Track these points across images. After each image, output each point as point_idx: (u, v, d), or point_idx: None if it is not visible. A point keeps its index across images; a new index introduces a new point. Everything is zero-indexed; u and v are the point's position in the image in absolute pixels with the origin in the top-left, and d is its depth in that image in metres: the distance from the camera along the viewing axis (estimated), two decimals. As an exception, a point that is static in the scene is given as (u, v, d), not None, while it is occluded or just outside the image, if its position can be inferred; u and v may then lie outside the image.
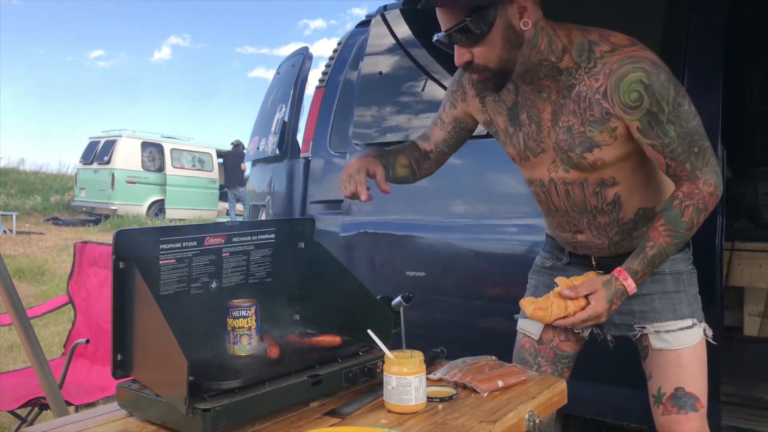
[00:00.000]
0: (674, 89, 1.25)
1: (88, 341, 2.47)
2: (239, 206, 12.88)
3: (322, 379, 1.24)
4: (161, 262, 1.24)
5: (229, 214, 13.54)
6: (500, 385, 1.30)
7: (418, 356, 1.21)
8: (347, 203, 2.82)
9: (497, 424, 1.14)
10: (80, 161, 14.04)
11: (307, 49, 3.60)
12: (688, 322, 1.48)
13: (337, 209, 2.90)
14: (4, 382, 2.55)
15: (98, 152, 13.48)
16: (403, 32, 2.72)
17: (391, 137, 2.78)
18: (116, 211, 12.80)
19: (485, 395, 1.27)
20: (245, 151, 8.97)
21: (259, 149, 3.83)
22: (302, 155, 3.20)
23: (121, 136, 13.41)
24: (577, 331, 1.57)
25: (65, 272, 5.04)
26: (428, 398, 1.22)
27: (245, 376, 1.17)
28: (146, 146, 13.57)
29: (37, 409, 2.41)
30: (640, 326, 1.50)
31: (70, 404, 2.28)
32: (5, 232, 10.52)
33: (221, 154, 14.17)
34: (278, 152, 3.38)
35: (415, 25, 2.57)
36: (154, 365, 1.14)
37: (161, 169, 13.61)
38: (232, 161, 13.09)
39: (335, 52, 3.33)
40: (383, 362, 1.24)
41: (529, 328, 1.63)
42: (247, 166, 10.05)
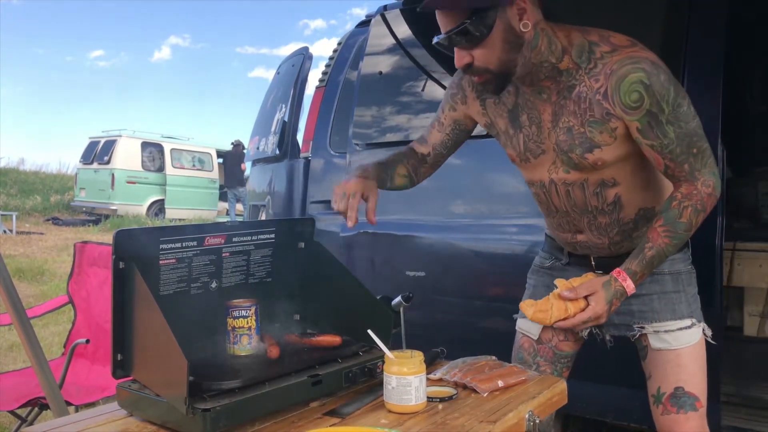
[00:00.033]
0: (674, 90, 1.26)
1: (88, 341, 2.47)
2: (239, 206, 12.88)
3: (322, 379, 1.24)
4: (161, 262, 1.24)
5: (229, 214, 13.54)
6: (500, 385, 1.30)
7: (418, 356, 1.21)
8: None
9: (497, 424, 1.14)
10: (80, 161, 14.04)
11: (307, 49, 3.60)
12: (687, 322, 1.48)
13: (337, 209, 2.90)
14: (4, 382, 2.55)
15: (98, 152, 13.48)
16: (403, 32, 2.72)
17: (391, 137, 2.78)
18: (116, 211, 12.80)
19: (485, 395, 1.27)
20: (245, 151, 8.97)
21: (259, 149, 3.83)
22: (302, 155, 3.20)
23: (121, 136, 13.41)
24: (576, 331, 1.57)
25: (65, 272, 5.03)
26: (428, 398, 1.22)
27: (245, 376, 1.17)
28: (146, 146, 13.57)
29: (37, 409, 2.41)
30: (639, 326, 1.51)
31: (70, 404, 2.28)
32: (5, 232, 10.52)
33: (221, 154, 14.17)
34: (278, 152, 3.38)
35: (415, 25, 2.57)
36: (154, 365, 1.14)
37: (161, 169, 13.61)
38: (232, 161, 13.09)
39: (335, 52, 3.33)
40: (383, 362, 1.24)
41: (528, 327, 1.63)
42: (247, 166, 10.06)
